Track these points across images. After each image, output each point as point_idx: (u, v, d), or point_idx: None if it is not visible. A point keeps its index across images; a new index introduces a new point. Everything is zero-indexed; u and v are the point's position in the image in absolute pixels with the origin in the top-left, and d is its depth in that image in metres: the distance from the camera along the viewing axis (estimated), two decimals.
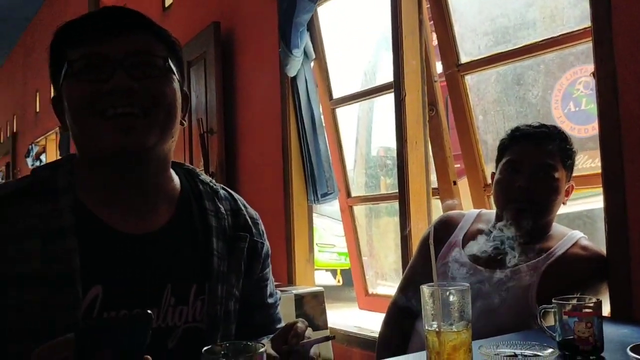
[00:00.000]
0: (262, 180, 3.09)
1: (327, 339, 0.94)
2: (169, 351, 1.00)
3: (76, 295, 0.94)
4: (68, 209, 0.99)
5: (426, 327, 1.03)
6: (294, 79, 2.77)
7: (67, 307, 0.93)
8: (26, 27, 7.05)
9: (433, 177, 2.34)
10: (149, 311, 0.73)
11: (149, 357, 0.76)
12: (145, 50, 1.00)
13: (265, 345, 0.84)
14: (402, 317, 1.62)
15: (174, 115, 1.03)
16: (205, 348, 0.76)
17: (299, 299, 2.38)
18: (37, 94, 6.52)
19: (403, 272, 1.84)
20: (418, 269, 1.67)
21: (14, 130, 8.03)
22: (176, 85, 1.04)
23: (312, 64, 2.80)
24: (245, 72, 3.24)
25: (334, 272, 6.20)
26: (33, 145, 6.87)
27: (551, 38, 1.96)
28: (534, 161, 1.56)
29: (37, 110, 6.69)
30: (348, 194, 2.86)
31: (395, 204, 2.36)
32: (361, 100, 2.77)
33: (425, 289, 1.04)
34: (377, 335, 1.75)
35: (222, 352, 0.76)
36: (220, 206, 1.13)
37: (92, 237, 0.99)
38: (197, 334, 1.03)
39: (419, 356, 1.08)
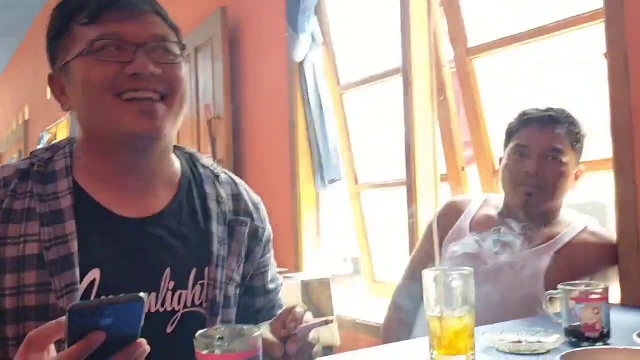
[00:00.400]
0: (270, 166, 3.08)
1: (325, 322, 0.93)
2: (168, 336, 0.99)
3: (74, 279, 0.93)
4: (66, 191, 0.99)
5: (428, 312, 1.01)
6: (301, 63, 2.74)
7: (64, 290, 0.93)
8: (36, 14, 7.05)
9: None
10: (141, 293, 0.72)
11: (144, 340, 0.75)
12: (162, 36, 1.01)
13: (262, 330, 0.83)
14: (407, 302, 1.61)
15: (185, 101, 1.04)
16: (199, 332, 0.75)
17: (305, 286, 2.37)
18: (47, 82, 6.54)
19: (409, 259, 1.83)
20: (423, 254, 1.65)
21: (25, 118, 8.07)
22: (186, 71, 1.04)
23: (319, 48, 2.76)
24: (253, 57, 3.21)
25: (343, 259, 6.20)
26: (44, 132, 6.90)
27: (563, 19, 1.92)
28: (541, 145, 1.53)
29: (48, 98, 6.72)
30: (355, 180, 2.84)
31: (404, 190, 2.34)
32: (369, 85, 2.73)
33: (428, 274, 1.02)
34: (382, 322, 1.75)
35: (217, 337, 0.75)
36: (221, 190, 1.12)
37: (90, 220, 0.99)
38: (196, 318, 1.02)
39: (422, 341, 1.07)
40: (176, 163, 1.11)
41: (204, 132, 3.33)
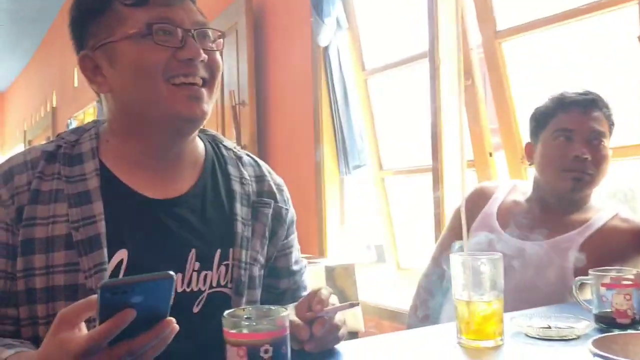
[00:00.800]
0: (294, 152, 3.08)
1: (351, 305, 0.92)
2: (195, 315, 1.00)
3: (102, 259, 0.94)
4: (93, 173, 0.99)
5: (456, 297, 1.00)
6: (326, 49, 2.73)
7: (92, 271, 0.93)
8: (63, 2, 7.13)
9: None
10: (170, 272, 0.72)
11: (172, 319, 0.75)
12: (203, 22, 1.01)
13: (289, 311, 0.82)
14: (433, 288, 1.60)
15: (219, 87, 1.05)
16: (227, 311, 0.75)
17: (330, 271, 2.37)
18: (75, 69, 6.63)
19: (435, 244, 1.81)
20: (450, 240, 1.63)
21: (53, 105, 8.20)
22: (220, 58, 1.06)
23: (344, 33, 2.74)
24: (277, 42, 3.20)
25: (366, 247, 6.19)
26: (72, 119, 7.00)
27: (596, 1, 1.87)
28: (586, 129, 1.49)
29: (75, 85, 6.80)
30: (380, 166, 2.82)
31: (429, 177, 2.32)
32: (395, 70, 2.70)
33: (456, 258, 1.01)
34: (408, 308, 1.73)
35: (245, 316, 0.75)
36: (244, 172, 1.12)
37: (117, 202, 0.99)
38: (222, 299, 1.03)
39: (449, 326, 1.05)
40: (200, 145, 1.12)
41: (228, 118, 3.34)
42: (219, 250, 1.03)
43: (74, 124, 6.95)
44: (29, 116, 9.84)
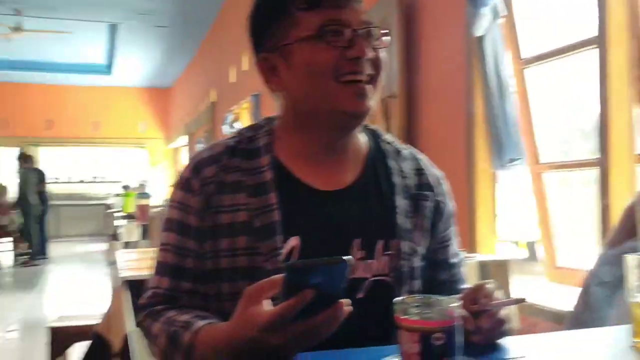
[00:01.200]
0: (445, 145, 3.04)
1: (518, 301, 0.91)
2: (359, 301, 1.04)
3: (277, 244, 1.02)
4: (268, 166, 1.08)
5: (631, 299, 0.94)
6: (481, 38, 2.65)
7: (269, 254, 1.02)
8: (221, 6, 7.62)
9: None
10: (348, 257, 0.77)
11: (347, 300, 0.80)
12: (369, 22, 1.06)
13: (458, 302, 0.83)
14: (601, 288, 1.51)
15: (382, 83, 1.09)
16: (397, 298, 0.78)
17: (484, 267, 2.33)
18: (231, 67, 7.07)
19: (600, 244, 1.71)
20: (620, 239, 1.53)
21: (212, 101, 8.82)
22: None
23: (501, 21, 2.65)
24: (429, 33, 3.17)
25: (516, 244, 5.93)
26: (228, 113, 7.49)
27: None
28: None
29: (232, 81, 7.26)
30: (537, 161, 2.70)
31: (592, 172, 2.18)
32: (556, 59, 2.56)
33: (631, 259, 0.95)
34: (564, 308, 1.66)
35: (415, 304, 0.77)
36: (404, 165, 1.15)
37: (289, 193, 1.07)
38: (384, 287, 1.06)
39: (619, 329, 1.00)
40: (363, 139, 1.16)
41: (378, 111, 3.38)
42: (381, 241, 1.07)
43: (230, 118, 7.42)
44: (190, 110, 10.67)
